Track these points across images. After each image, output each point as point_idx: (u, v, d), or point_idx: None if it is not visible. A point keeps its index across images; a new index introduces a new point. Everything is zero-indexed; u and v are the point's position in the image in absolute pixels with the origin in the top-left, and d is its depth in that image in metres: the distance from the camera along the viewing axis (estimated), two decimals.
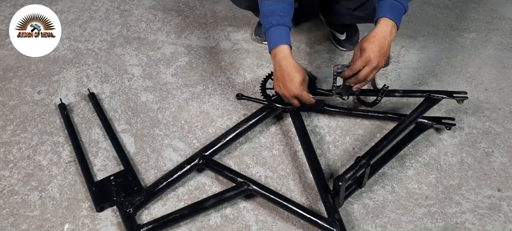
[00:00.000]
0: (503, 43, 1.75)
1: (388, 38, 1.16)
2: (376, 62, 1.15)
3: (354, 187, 1.22)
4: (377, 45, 1.15)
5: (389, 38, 1.17)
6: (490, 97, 1.52)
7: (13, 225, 1.20)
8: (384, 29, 1.16)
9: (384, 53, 1.17)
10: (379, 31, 1.16)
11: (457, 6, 1.95)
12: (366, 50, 1.15)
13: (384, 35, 1.16)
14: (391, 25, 1.17)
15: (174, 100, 1.56)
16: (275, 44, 1.22)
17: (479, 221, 1.18)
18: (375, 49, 1.14)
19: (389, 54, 1.19)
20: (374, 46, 1.14)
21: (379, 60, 1.16)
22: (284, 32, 1.22)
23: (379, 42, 1.15)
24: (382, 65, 1.19)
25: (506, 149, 1.35)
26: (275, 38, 1.22)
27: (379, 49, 1.15)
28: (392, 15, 1.16)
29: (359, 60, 1.16)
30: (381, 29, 1.16)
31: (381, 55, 1.16)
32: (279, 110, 1.40)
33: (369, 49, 1.14)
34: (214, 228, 1.18)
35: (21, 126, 1.48)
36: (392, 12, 1.17)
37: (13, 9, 1.97)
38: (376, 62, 1.15)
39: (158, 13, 1.96)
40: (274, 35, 1.22)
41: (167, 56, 1.74)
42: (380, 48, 1.15)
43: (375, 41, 1.15)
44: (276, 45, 1.22)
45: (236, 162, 1.35)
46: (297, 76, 1.20)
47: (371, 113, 1.43)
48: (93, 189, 1.25)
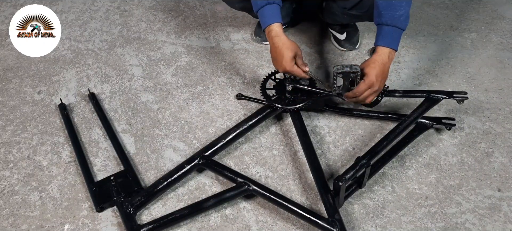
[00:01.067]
0: (503, 43, 1.75)
1: (387, 63, 1.24)
2: (378, 86, 1.23)
3: (354, 187, 1.22)
4: (379, 70, 1.22)
5: (388, 63, 1.25)
6: (490, 98, 1.52)
7: (13, 225, 1.20)
8: (382, 57, 1.23)
9: (384, 77, 1.25)
10: (378, 58, 1.23)
11: (457, 6, 1.95)
12: (368, 75, 1.22)
13: (383, 61, 1.23)
14: (388, 51, 1.24)
15: (174, 100, 1.56)
16: (268, 22, 1.30)
17: (479, 221, 1.18)
18: (377, 74, 1.22)
19: (387, 76, 1.27)
20: (375, 71, 1.22)
21: (380, 84, 1.24)
22: (275, 11, 1.30)
23: (380, 67, 1.22)
24: (381, 88, 1.26)
25: (506, 149, 1.35)
26: (267, 17, 1.30)
27: (381, 74, 1.23)
28: (385, 43, 1.24)
29: (363, 84, 1.22)
30: (380, 56, 1.23)
31: (382, 79, 1.24)
32: (279, 111, 1.40)
33: (372, 74, 1.21)
34: (214, 228, 1.18)
35: (21, 126, 1.48)
36: (385, 40, 1.24)
37: (13, 9, 1.97)
38: (377, 86, 1.23)
39: (158, 13, 1.96)
40: (266, 14, 1.30)
41: (167, 56, 1.74)
42: (381, 72, 1.23)
43: (376, 66, 1.22)
44: (268, 24, 1.30)
45: (236, 162, 1.35)
46: (288, 53, 1.27)
47: (371, 114, 1.43)
48: (93, 189, 1.25)
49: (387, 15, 1.22)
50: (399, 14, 1.22)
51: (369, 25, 1.78)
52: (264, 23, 1.31)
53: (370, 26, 1.78)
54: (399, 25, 1.22)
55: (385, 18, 1.22)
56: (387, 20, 1.22)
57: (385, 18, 1.22)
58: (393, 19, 1.22)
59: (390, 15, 1.22)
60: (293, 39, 1.78)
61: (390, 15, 1.22)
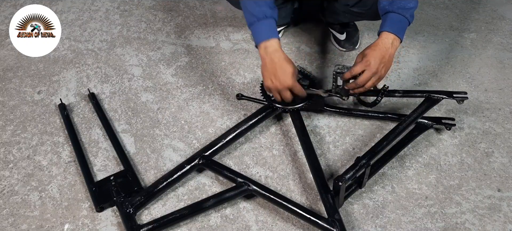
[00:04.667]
0: (503, 43, 1.75)
1: (389, 49, 1.21)
2: (375, 68, 1.19)
3: (354, 187, 1.22)
4: (378, 53, 1.20)
5: (391, 49, 1.21)
6: (490, 98, 1.52)
7: (13, 225, 1.20)
8: (385, 42, 1.21)
9: (385, 63, 1.22)
10: (380, 42, 1.21)
11: (457, 6, 1.95)
12: (366, 56, 1.20)
13: (385, 46, 1.21)
14: (392, 38, 1.21)
15: (174, 100, 1.56)
16: (265, 37, 1.23)
17: (479, 221, 1.18)
18: (375, 56, 1.19)
19: (390, 65, 1.24)
20: (375, 53, 1.20)
21: (379, 68, 1.20)
22: (272, 26, 1.24)
23: (380, 51, 1.20)
24: (382, 75, 1.23)
25: (506, 149, 1.35)
26: (264, 31, 1.24)
27: (380, 57, 1.20)
28: (392, 29, 1.21)
29: (359, 64, 1.20)
30: (382, 41, 1.21)
31: (381, 64, 1.21)
32: (279, 111, 1.40)
33: (370, 55, 1.19)
34: (214, 228, 1.18)
35: (21, 126, 1.48)
36: (392, 26, 1.21)
37: (13, 9, 1.97)
38: (375, 68, 1.19)
39: (158, 13, 1.96)
40: (263, 29, 1.24)
41: (167, 56, 1.74)
42: (381, 56, 1.20)
43: (377, 49, 1.20)
44: (266, 39, 1.23)
45: (236, 162, 1.35)
46: (289, 67, 1.23)
47: (371, 114, 1.43)
48: (93, 189, 1.25)
49: (398, 3, 1.22)
50: (408, 6, 1.22)
51: (369, 25, 1.78)
52: (260, 38, 1.24)
53: (370, 26, 1.78)
54: (408, 16, 1.22)
55: (396, 6, 1.22)
56: (397, 8, 1.22)
57: (395, 6, 1.22)
58: (403, 9, 1.22)
59: (401, 4, 1.22)
60: (293, 39, 1.79)
61: (400, 4, 1.22)
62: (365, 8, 1.46)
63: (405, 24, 1.23)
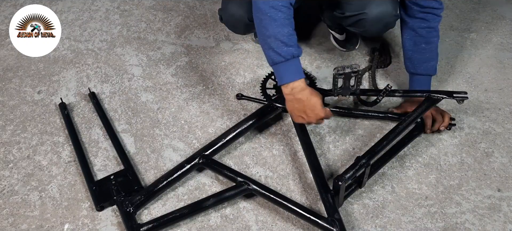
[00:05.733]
0: (503, 43, 1.75)
1: None
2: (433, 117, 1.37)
3: (354, 187, 1.22)
4: None
5: None
6: (490, 98, 1.52)
7: (13, 225, 1.20)
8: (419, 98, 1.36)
9: None
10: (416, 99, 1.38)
11: (457, 6, 1.95)
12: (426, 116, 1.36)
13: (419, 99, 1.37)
14: None
15: (174, 100, 1.56)
16: (292, 79, 1.17)
17: (479, 221, 1.18)
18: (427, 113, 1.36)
19: None
20: None
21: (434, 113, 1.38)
22: (299, 65, 1.17)
23: None
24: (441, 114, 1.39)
25: (506, 149, 1.35)
26: (292, 72, 1.17)
27: None
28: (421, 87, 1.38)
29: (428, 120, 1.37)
30: None
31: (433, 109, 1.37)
32: (279, 110, 1.40)
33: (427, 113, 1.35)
34: (214, 228, 1.18)
35: (21, 126, 1.48)
36: (420, 86, 1.38)
37: (13, 9, 1.97)
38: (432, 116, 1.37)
39: (158, 13, 1.96)
40: (291, 70, 1.17)
41: (167, 56, 1.74)
42: None
43: None
44: (293, 80, 1.17)
45: (236, 161, 1.35)
46: (317, 101, 1.19)
47: (371, 113, 1.43)
48: (93, 188, 1.25)
49: (421, 67, 1.37)
50: (431, 65, 1.37)
51: None
52: (286, 79, 1.16)
53: None
54: (431, 73, 1.38)
55: (420, 69, 1.37)
56: (421, 71, 1.37)
57: (420, 70, 1.37)
58: (427, 69, 1.37)
59: (424, 66, 1.36)
60: None
61: (424, 66, 1.36)
62: (361, 29, 1.43)
63: (430, 79, 1.39)
